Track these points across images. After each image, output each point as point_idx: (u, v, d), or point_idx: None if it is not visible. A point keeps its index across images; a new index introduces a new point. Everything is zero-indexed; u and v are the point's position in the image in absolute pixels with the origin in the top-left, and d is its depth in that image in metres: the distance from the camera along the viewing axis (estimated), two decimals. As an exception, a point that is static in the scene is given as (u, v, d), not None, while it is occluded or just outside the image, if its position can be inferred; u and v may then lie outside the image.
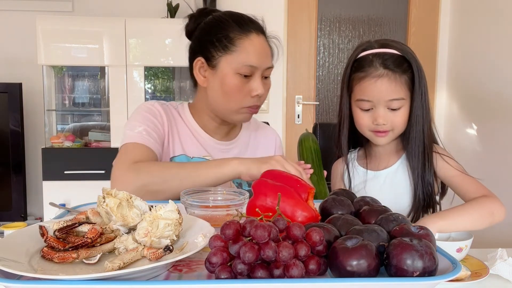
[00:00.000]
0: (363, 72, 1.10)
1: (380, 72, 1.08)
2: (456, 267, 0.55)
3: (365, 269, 0.53)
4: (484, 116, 2.55)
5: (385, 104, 1.09)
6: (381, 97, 1.08)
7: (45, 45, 2.54)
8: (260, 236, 0.52)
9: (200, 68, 1.16)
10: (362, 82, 1.10)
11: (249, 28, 1.13)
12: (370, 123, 1.12)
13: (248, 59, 1.10)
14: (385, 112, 1.10)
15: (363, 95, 1.10)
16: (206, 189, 0.92)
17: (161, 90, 2.97)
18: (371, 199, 0.76)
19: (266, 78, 1.17)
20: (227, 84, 1.12)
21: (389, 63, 1.09)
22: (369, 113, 1.12)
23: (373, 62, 1.10)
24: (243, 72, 1.10)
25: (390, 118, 1.10)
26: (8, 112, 2.56)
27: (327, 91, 3.12)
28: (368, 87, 1.09)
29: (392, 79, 1.08)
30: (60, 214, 0.81)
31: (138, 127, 1.12)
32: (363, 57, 1.13)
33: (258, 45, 1.12)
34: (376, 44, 1.14)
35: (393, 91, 1.08)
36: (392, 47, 1.12)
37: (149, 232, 0.62)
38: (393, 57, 1.10)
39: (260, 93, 1.12)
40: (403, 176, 1.17)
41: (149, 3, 2.87)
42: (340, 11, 3.07)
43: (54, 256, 0.59)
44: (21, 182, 2.63)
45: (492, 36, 2.57)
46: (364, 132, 1.16)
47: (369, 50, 1.13)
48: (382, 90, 1.08)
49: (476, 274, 0.87)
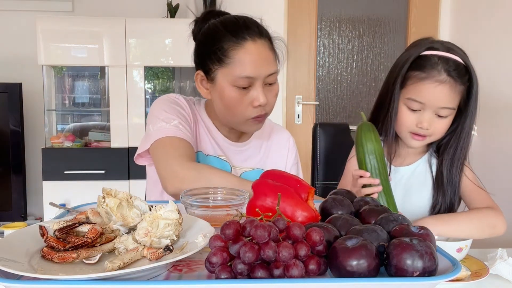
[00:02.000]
0: (425, 72, 1.06)
1: (443, 78, 1.05)
2: (456, 267, 0.55)
3: (365, 269, 0.53)
4: (484, 116, 2.55)
5: (435, 110, 1.07)
6: (436, 103, 1.06)
7: (45, 45, 2.54)
8: (260, 236, 0.52)
9: (201, 81, 1.14)
10: (421, 83, 1.07)
11: (244, 36, 1.06)
12: (413, 124, 1.10)
13: (243, 70, 1.04)
14: (431, 117, 1.08)
15: (417, 95, 1.07)
16: (206, 189, 0.92)
17: (161, 90, 2.97)
18: (371, 199, 0.76)
19: (271, 84, 1.11)
20: (226, 97, 1.07)
21: (452, 71, 1.06)
22: (415, 114, 1.09)
23: (437, 65, 1.06)
24: (240, 85, 1.05)
25: (434, 124, 1.09)
26: (8, 112, 2.56)
27: (327, 91, 3.12)
28: (426, 90, 1.06)
29: (452, 87, 1.06)
30: (60, 214, 0.81)
31: (172, 120, 1.09)
32: (426, 56, 1.08)
33: (254, 54, 1.05)
34: (441, 46, 1.10)
35: (448, 100, 1.06)
36: (457, 53, 1.09)
37: (149, 232, 0.62)
38: (458, 66, 1.07)
39: (262, 103, 1.06)
40: (420, 176, 1.18)
41: (149, 3, 2.87)
42: (340, 11, 3.07)
43: (54, 256, 0.59)
44: (21, 182, 2.63)
45: (492, 36, 2.57)
46: (401, 131, 1.13)
47: (433, 51, 1.09)
48: (439, 97, 1.05)
49: (476, 274, 0.87)
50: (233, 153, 1.22)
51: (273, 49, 1.12)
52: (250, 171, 1.22)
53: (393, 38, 3.10)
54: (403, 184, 1.19)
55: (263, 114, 1.10)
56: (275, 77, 1.11)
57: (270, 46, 1.11)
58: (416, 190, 1.18)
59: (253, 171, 1.22)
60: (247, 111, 1.08)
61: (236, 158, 1.22)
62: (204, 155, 1.17)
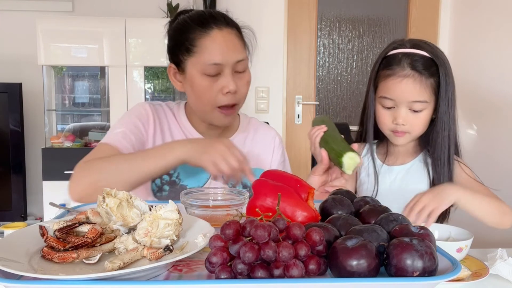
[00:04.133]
0: (390, 70, 1.11)
1: (407, 72, 1.08)
2: (456, 267, 0.55)
3: (365, 269, 0.53)
4: (484, 116, 2.55)
5: (407, 105, 1.09)
6: (404, 97, 1.09)
7: (45, 45, 2.54)
8: (260, 236, 0.52)
9: (174, 75, 1.16)
10: (388, 80, 1.11)
11: (209, 24, 1.08)
12: (390, 121, 1.13)
13: (210, 57, 1.06)
14: (406, 113, 1.10)
15: (386, 93, 1.11)
16: (206, 189, 0.92)
17: (160, 90, 2.97)
18: (371, 199, 0.76)
19: (241, 72, 1.11)
20: (196, 86, 1.08)
21: (417, 64, 1.08)
22: (390, 111, 1.12)
23: (401, 61, 1.10)
24: (209, 72, 1.06)
25: (410, 119, 1.10)
26: (8, 112, 2.56)
27: (327, 91, 3.12)
28: (392, 86, 1.10)
29: (417, 80, 1.08)
30: (60, 214, 0.81)
31: (117, 128, 1.11)
32: (392, 55, 1.13)
33: (221, 41, 1.07)
34: (408, 43, 1.13)
35: (417, 93, 1.08)
36: (423, 48, 1.11)
37: (149, 232, 0.62)
38: (423, 59, 1.09)
39: (232, 89, 1.07)
40: (416, 175, 1.19)
41: (149, 3, 2.87)
42: (340, 11, 3.07)
43: (54, 256, 0.59)
44: (21, 182, 2.63)
45: (492, 36, 2.57)
46: (383, 130, 1.17)
47: (400, 48, 1.13)
48: (405, 91, 1.08)
49: (476, 274, 0.87)
50: None
51: (241, 38, 1.13)
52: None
53: (393, 38, 3.09)
54: (398, 183, 1.20)
55: (233, 104, 1.10)
56: (244, 64, 1.11)
57: (237, 34, 1.12)
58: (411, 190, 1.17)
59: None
60: (217, 99, 1.08)
61: None
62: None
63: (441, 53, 1.12)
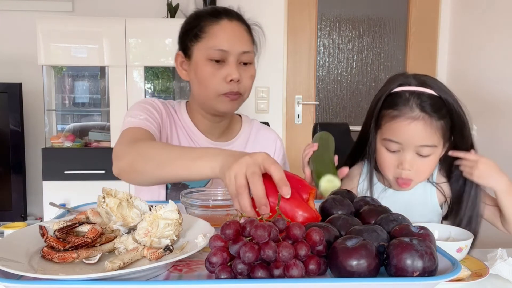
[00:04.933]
0: (396, 110, 1.01)
1: (416, 114, 0.99)
2: (456, 267, 0.55)
3: (365, 269, 0.53)
4: (484, 116, 2.55)
5: (414, 149, 1.01)
6: (413, 141, 1.00)
7: (45, 45, 2.54)
8: (260, 236, 0.52)
9: (181, 63, 1.17)
10: (394, 121, 1.01)
11: (220, 15, 1.11)
12: (394, 166, 1.04)
13: (217, 43, 1.08)
14: (413, 158, 1.01)
15: (392, 135, 1.02)
16: (206, 189, 0.92)
17: (161, 90, 2.97)
18: (371, 199, 0.76)
19: (246, 64, 1.12)
20: (200, 71, 1.10)
21: (426, 106, 0.99)
22: (395, 155, 1.03)
23: (409, 101, 1.00)
24: (213, 57, 1.08)
25: (416, 164, 1.02)
26: (8, 112, 2.56)
27: (327, 91, 3.12)
28: (400, 129, 1.00)
29: (427, 123, 0.99)
30: (60, 214, 0.81)
31: (139, 115, 1.11)
32: (398, 93, 1.03)
33: (229, 29, 1.10)
34: (413, 80, 1.04)
35: (426, 137, 0.99)
36: (431, 87, 1.02)
37: (149, 232, 0.62)
38: (432, 99, 1.00)
39: (235, 78, 1.07)
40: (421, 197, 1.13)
41: (149, 3, 2.87)
42: (340, 11, 3.07)
43: (54, 256, 0.59)
44: (21, 182, 2.63)
45: (492, 35, 2.57)
46: (386, 175, 1.08)
47: (405, 86, 1.03)
48: (415, 135, 0.99)
49: (476, 274, 0.87)
50: None
51: (250, 33, 1.15)
52: None
53: (393, 38, 3.10)
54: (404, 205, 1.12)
55: (236, 92, 1.10)
56: (250, 57, 1.12)
57: (246, 29, 1.14)
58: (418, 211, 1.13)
59: None
60: (220, 86, 1.09)
61: None
62: None
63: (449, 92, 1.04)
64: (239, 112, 1.28)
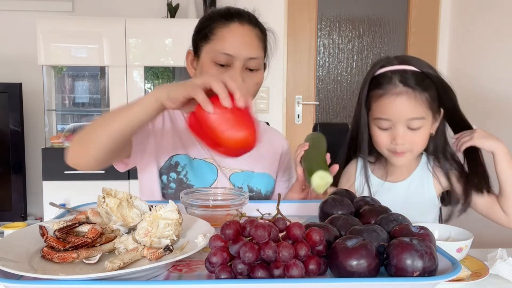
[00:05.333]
0: (382, 89, 1.07)
1: (400, 89, 1.05)
2: (456, 267, 0.55)
3: (365, 269, 0.53)
4: (484, 116, 2.55)
5: (404, 123, 1.06)
6: (400, 115, 1.05)
7: (45, 45, 2.54)
8: (260, 236, 0.52)
9: (191, 61, 1.17)
10: (381, 100, 1.07)
11: (232, 18, 1.09)
12: (388, 142, 1.09)
13: (224, 47, 1.06)
14: (404, 132, 1.06)
15: (381, 113, 1.07)
16: (206, 189, 0.92)
17: (161, 90, 2.97)
18: (371, 199, 0.76)
19: (252, 71, 1.10)
20: (205, 73, 1.09)
21: (409, 80, 1.05)
22: (387, 132, 1.08)
23: (392, 79, 1.06)
24: (219, 61, 1.06)
25: (409, 138, 1.07)
26: (8, 112, 2.56)
27: (327, 91, 3.12)
28: (387, 105, 1.06)
29: (411, 97, 1.04)
30: (60, 214, 0.81)
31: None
32: (381, 74, 1.09)
33: (238, 34, 1.07)
34: (395, 60, 1.10)
35: (413, 110, 1.04)
36: (412, 63, 1.08)
37: (149, 232, 0.62)
38: (413, 74, 1.06)
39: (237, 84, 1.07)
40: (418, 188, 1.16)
41: (149, 3, 2.87)
42: (340, 11, 3.07)
43: (54, 256, 0.59)
44: (21, 182, 2.63)
45: (492, 35, 2.57)
46: (382, 151, 1.13)
47: (387, 66, 1.09)
48: (401, 109, 1.04)
49: (476, 274, 0.87)
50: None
51: (262, 39, 1.13)
52: (240, 173, 1.19)
53: (393, 38, 3.10)
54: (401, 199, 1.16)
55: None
56: (257, 63, 1.10)
57: (258, 34, 1.12)
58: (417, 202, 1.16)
59: (242, 173, 1.19)
60: None
61: (224, 159, 1.18)
62: (190, 158, 1.15)
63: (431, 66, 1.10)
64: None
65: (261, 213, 0.58)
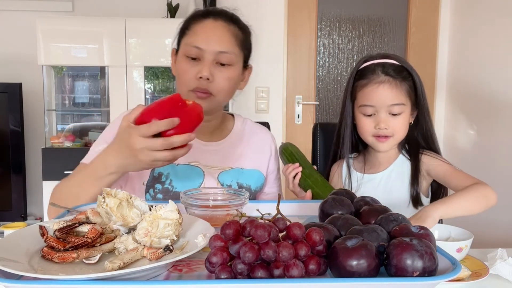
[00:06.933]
0: (366, 79, 1.18)
1: (382, 78, 1.16)
2: (456, 267, 0.55)
3: (365, 269, 0.53)
4: (484, 116, 2.55)
5: (386, 109, 1.16)
6: (383, 102, 1.16)
7: (45, 45, 2.54)
8: (260, 236, 0.52)
9: (174, 57, 1.19)
10: (365, 88, 1.18)
11: (208, 15, 1.13)
12: (372, 128, 1.18)
13: (195, 40, 1.09)
14: (386, 117, 1.17)
15: (366, 100, 1.17)
16: (206, 189, 0.92)
17: (160, 90, 2.97)
18: (371, 199, 0.76)
19: (224, 65, 1.10)
20: (178, 67, 1.13)
21: (389, 71, 1.17)
22: (371, 118, 1.18)
23: (375, 70, 1.18)
24: (190, 54, 1.09)
25: (391, 123, 1.17)
26: (8, 112, 2.56)
27: (327, 91, 3.12)
28: (371, 93, 1.17)
29: (393, 85, 1.16)
30: (60, 214, 0.81)
31: (100, 145, 1.10)
32: (365, 67, 1.21)
33: (210, 28, 1.10)
34: (377, 56, 1.22)
35: (394, 96, 1.16)
36: (392, 58, 1.21)
37: (149, 232, 0.62)
38: (393, 66, 1.19)
39: (204, 76, 1.07)
40: (397, 178, 1.23)
41: (149, 3, 2.87)
42: (340, 11, 3.07)
43: (54, 256, 0.59)
44: (21, 182, 2.63)
45: (492, 36, 2.57)
46: (366, 138, 1.22)
47: (370, 61, 1.21)
48: (384, 95, 1.15)
49: (476, 274, 0.87)
50: (207, 153, 1.18)
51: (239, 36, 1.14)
52: (229, 171, 1.18)
53: (393, 38, 3.10)
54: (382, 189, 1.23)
55: (204, 90, 1.09)
56: (228, 58, 1.10)
57: (232, 30, 1.13)
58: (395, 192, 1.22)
59: (231, 170, 1.19)
60: (190, 82, 1.10)
61: (211, 158, 1.18)
62: (174, 165, 1.13)
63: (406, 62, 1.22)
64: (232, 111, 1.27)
65: (261, 213, 0.58)
